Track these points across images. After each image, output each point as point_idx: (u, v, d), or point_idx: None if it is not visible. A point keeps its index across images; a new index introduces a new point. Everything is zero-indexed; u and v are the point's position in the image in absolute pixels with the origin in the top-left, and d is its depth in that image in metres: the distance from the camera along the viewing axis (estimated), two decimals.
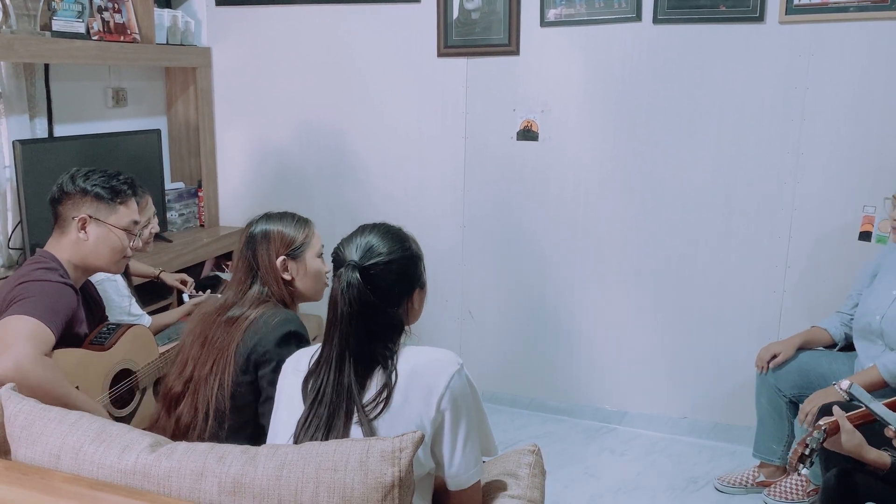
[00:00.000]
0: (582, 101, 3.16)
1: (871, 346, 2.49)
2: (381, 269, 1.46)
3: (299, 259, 1.89)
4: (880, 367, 2.34)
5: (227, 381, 1.74)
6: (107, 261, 2.01)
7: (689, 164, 3.04)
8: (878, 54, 2.74)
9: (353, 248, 1.47)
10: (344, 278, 1.43)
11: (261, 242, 1.87)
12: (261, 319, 1.78)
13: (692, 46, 2.96)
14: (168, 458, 1.31)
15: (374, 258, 1.46)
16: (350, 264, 1.44)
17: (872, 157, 2.80)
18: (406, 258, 1.50)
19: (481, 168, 3.37)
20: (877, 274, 2.56)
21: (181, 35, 3.57)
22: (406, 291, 1.51)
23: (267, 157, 3.76)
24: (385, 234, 1.51)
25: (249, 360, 1.75)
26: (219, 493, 1.28)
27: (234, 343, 1.75)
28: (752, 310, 3.03)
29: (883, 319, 2.43)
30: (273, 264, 1.86)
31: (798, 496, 2.65)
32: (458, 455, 1.41)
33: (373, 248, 1.47)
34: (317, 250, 1.94)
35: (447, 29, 3.29)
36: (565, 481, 2.85)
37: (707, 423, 3.17)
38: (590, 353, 3.33)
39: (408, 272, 1.50)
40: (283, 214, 1.93)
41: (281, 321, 1.78)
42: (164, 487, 1.29)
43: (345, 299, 1.42)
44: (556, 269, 3.32)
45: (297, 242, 1.89)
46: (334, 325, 1.44)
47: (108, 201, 1.98)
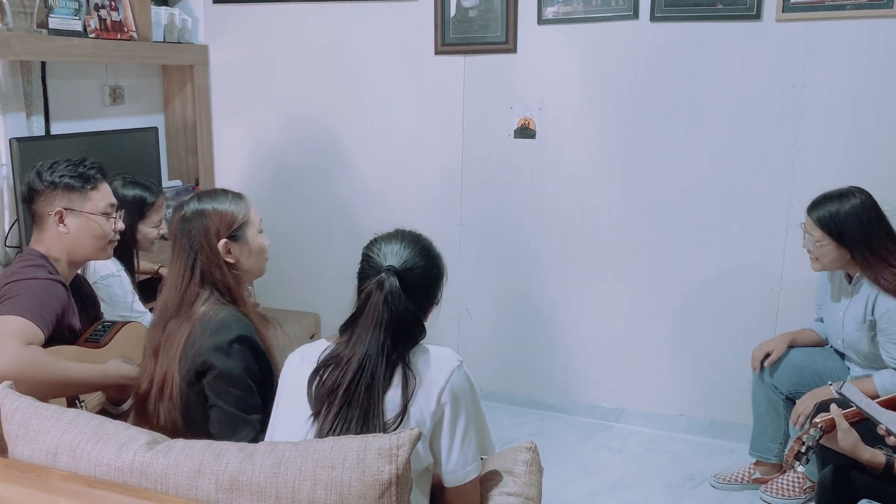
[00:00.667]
0: (579, 99, 3.16)
1: (851, 360, 2.58)
2: (417, 278, 1.49)
3: (241, 239, 1.79)
4: (878, 385, 2.36)
5: (176, 396, 1.69)
6: (92, 249, 1.98)
7: (686, 161, 3.05)
8: (875, 52, 2.74)
9: (392, 252, 1.49)
10: (387, 285, 1.44)
11: (196, 223, 1.75)
12: (198, 326, 1.70)
13: (689, 44, 2.97)
14: (165, 456, 1.31)
15: (412, 266, 1.49)
16: (391, 269, 1.46)
17: (869, 155, 2.80)
18: (436, 274, 1.55)
19: (479, 166, 3.37)
20: (828, 291, 2.64)
21: (178, 33, 3.56)
22: (428, 304, 1.56)
23: (264, 154, 3.76)
24: (422, 245, 1.54)
25: (191, 371, 1.69)
26: (216, 490, 1.28)
27: (177, 352, 1.70)
28: (750, 307, 3.04)
29: (844, 343, 2.53)
30: (214, 248, 1.75)
31: (794, 493, 2.66)
32: (455, 451, 1.43)
33: (411, 256, 1.50)
34: (257, 225, 1.84)
35: (444, 27, 3.29)
36: (562, 478, 2.85)
37: (704, 421, 3.18)
38: (587, 350, 3.33)
39: (434, 286, 1.56)
40: (214, 192, 1.82)
41: (216, 327, 1.69)
42: (161, 485, 1.29)
43: (387, 306, 1.43)
44: (553, 267, 3.33)
45: (237, 221, 1.78)
46: (371, 330, 1.44)
47: (80, 189, 1.95)
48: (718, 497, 2.74)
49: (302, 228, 3.71)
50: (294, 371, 1.52)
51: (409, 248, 1.50)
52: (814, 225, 2.41)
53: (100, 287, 2.40)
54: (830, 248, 2.39)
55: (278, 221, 3.73)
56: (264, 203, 3.73)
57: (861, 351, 2.48)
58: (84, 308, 2.08)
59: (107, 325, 2.06)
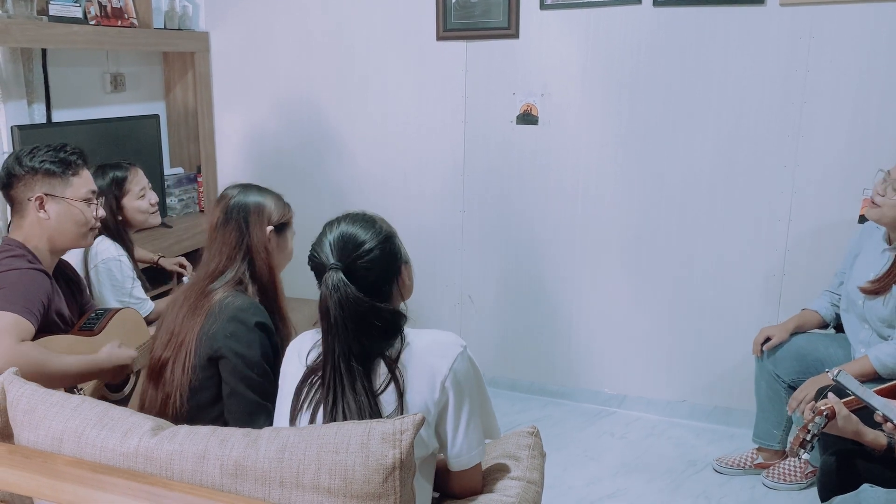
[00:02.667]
0: (582, 84, 3.15)
1: (860, 329, 2.51)
2: (365, 260, 1.41)
3: (282, 235, 1.91)
4: (872, 358, 2.35)
5: (188, 369, 1.74)
6: (73, 236, 1.96)
7: (689, 147, 3.04)
8: (879, 37, 2.72)
9: (328, 249, 1.42)
10: (330, 282, 1.38)
11: (254, 210, 1.86)
12: (215, 310, 1.76)
13: (692, 29, 2.95)
14: (170, 442, 1.32)
15: (352, 253, 1.41)
16: (333, 266, 1.39)
17: (872, 140, 2.79)
18: (381, 240, 1.44)
19: (481, 152, 3.36)
20: (858, 254, 2.57)
21: (179, 20, 3.55)
22: (394, 273, 1.48)
23: (265, 141, 3.76)
24: (354, 223, 1.46)
25: (204, 355, 1.75)
26: (221, 475, 1.29)
27: (195, 330, 1.76)
28: (752, 293, 3.04)
29: (865, 304, 2.46)
30: (265, 233, 1.85)
31: (796, 478, 2.67)
32: (460, 436, 1.43)
33: (347, 243, 1.42)
34: (293, 233, 1.98)
35: (446, 12, 3.28)
36: (564, 464, 2.86)
37: (706, 407, 3.18)
38: (589, 336, 3.34)
39: (388, 254, 1.46)
40: (267, 190, 1.94)
41: (233, 313, 1.75)
42: (166, 470, 1.30)
43: (336, 303, 1.37)
44: (555, 254, 3.33)
45: (286, 216, 1.93)
46: (332, 333, 1.40)
47: (61, 175, 1.93)
48: (720, 482, 2.75)
49: (303, 214, 3.68)
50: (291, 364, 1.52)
51: (342, 235, 1.43)
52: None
53: (100, 270, 2.40)
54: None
55: None
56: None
57: (880, 314, 2.41)
58: (71, 293, 2.06)
59: (100, 312, 2.06)
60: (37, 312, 1.78)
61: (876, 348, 2.38)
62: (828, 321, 2.69)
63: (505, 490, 1.54)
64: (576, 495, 2.66)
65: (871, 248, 2.50)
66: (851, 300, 2.51)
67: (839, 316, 2.67)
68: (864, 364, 2.36)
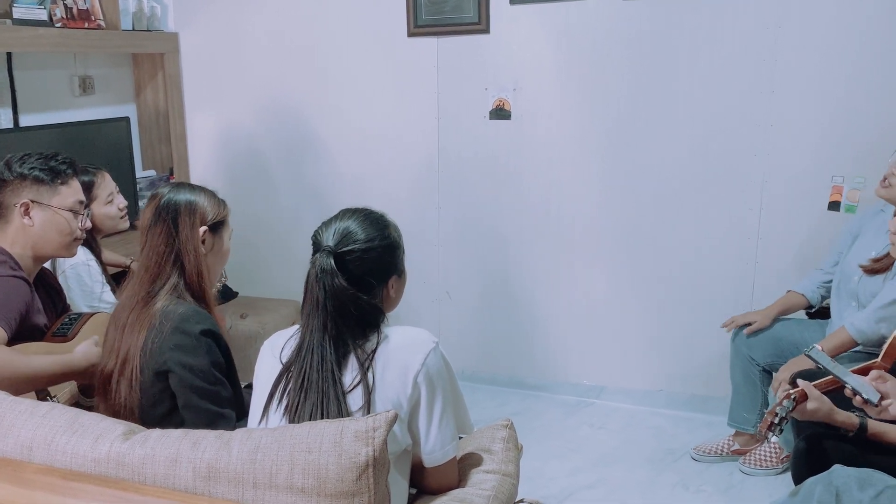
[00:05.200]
0: (553, 78, 3.16)
1: (846, 308, 2.53)
2: (357, 255, 1.45)
3: (216, 235, 1.83)
4: (848, 326, 2.38)
5: (135, 385, 1.69)
6: (56, 245, 1.96)
7: (661, 139, 3.06)
8: (845, 25, 2.76)
9: (331, 232, 1.46)
10: (318, 264, 1.42)
11: (185, 209, 1.77)
12: (157, 322, 1.69)
13: (661, 21, 2.97)
14: (142, 446, 1.31)
15: (349, 245, 1.44)
16: (325, 250, 1.43)
17: (840, 127, 2.83)
18: (383, 246, 1.48)
19: (455, 148, 3.37)
20: (858, 235, 2.59)
21: (147, 21, 3.52)
22: (382, 279, 1.50)
23: (238, 141, 3.73)
24: (364, 220, 1.49)
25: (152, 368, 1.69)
26: (194, 478, 1.28)
27: (138, 345, 1.70)
28: (726, 282, 3.07)
29: (860, 281, 2.47)
30: (196, 233, 1.77)
31: (772, 463, 2.71)
32: (433, 431, 1.44)
33: (350, 234, 1.46)
34: (230, 232, 1.90)
35: (417, 8, 3.27)
36: (545, 456, 2.88)
37: (684, 395, 3.22)
38: (567, 329, 3.35)
39: (384, 260, 1.49)
40: (201, 187, 1.86)
41: (176, 323, 1.69)
42: (138, 475, 1.29)
43: (319, 285, 1.41)
44: (532, 248, 3.34)
45: (220, 215, 1.84)
46: (313, 312, 1.43)
47: (49, 183, 1.92)
48: (698, 469, 2.78)
49: (278, 215, 3.69)
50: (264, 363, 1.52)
51: (347, 223, 1.47)
52: None
53: (69, 276, 2.37)
54: None
55: (254, 208, 3.72)
56: (240, 190, 3.72)
57: (874, 290, 2.42)
58: (51, 302, 2.05)
59: (73, 317, 2.04)
60: (12, 321, 1.76)
61: (851, 317, 2.41)
62: (813, 303, 2.71)
63: (481, 484, 1.55)
64: (556, 487, 2.68)
65: (875, 228, 2.52)
66: (846, 276, 2.53)
67: (824, 297, 2.70)
68: (841, 335, 2.39)
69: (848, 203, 2.87)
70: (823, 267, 2.70)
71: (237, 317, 3.35)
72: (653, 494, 2.63)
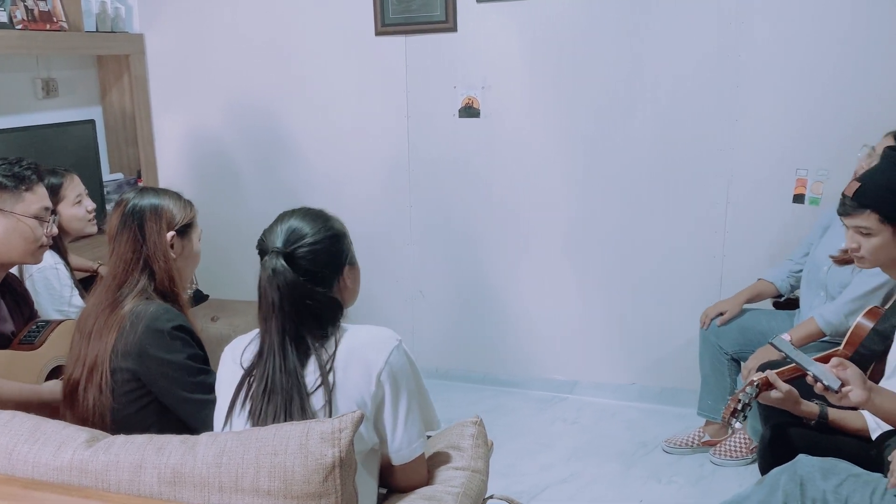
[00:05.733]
0: (521, 76, 3.17)
1: (814, 298, 2.57)
2: (307, 250, 1.44)
3: (185, 237, 1.82)
4: (817, 317, 2.42)
5: (106, 390, 1.68)
6: (21, 252, 1.92)
7: (629, 135, 3.08)
8: (806, 21, 2.80)
9: (276, 235, 1.46)
10: (269, 266, 1.41)
11: (150, 214, 1.76)
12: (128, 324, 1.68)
13: (628, 17, 2.99)
14: (105, 453, 1.30)
15: (298, 241, 1.44)
16: (274, 251, 1.43)
17: (804, 121, 2.87)
18: (330, 237, 1.48)
19: (425, 147, 3.37)
20: (828, 227, 2.63)
21: (111, 22, 3.48)
22: (335, 270, 1.50)
23: (206, 143, 3.70)
24: (306, 216, 1.50)
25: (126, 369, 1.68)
26: (158, 483, 1.28)
27: (107, 350, 1.68)
28: (694, 276, 3.11)
29: (829, 272, 2.51)
30: (164, 239, 1.76)
31: (741, 454, 2.75)
32: (399, 429, 1.44)
33: (296, 232, 1.45)
34: (199, 233, 1.89)
35: (384, 7, 3.27)
36: (519, 452, 2.90)
37: (655, 388, 3.25)
38: (539, 325, 3.37)
39: (333, 250, 1.49)
40: (166, 191, 1.85)
41: (148, 322, 1.68)
42: (101, 482, 1.28)
43: (273, 287, 1.40)
44: (504, 245, 3.35)
45: (187, 217, 1.83)
46: (269, 315, 1.42)
47: (13, 189, 1.88)
48: (670, 461, 2.81)
49: (248, 216, 3.67)
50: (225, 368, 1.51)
51: (290, 222, 1.47)
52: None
53: (36, 280, 2.34)
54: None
55: (224, 210, 3.69)
56: (208, 192, 3.69)
57: (843, 281, 2.46)
58: (18, 309, 2.02)
59: (41, 324, 2.01)
60: None
61: (820, 307, 2.45)
62: (782, 292, 2.76)
63: (450, 481, 1.55)
64: (529, 482, 2.69)
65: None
66: (816, 266, 2.57)
67: (793, 287, 2.74)
68: (810, 325, 2.43)
69: (812, 195, 2.92)
70: (793, 257, 2.74)
71: (208, 320, 3.32)
72: (625, 487, 2.66)
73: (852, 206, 1.92)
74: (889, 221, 1.89)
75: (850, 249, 1.99)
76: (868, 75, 2.76)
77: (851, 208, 1.93)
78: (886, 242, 1.91)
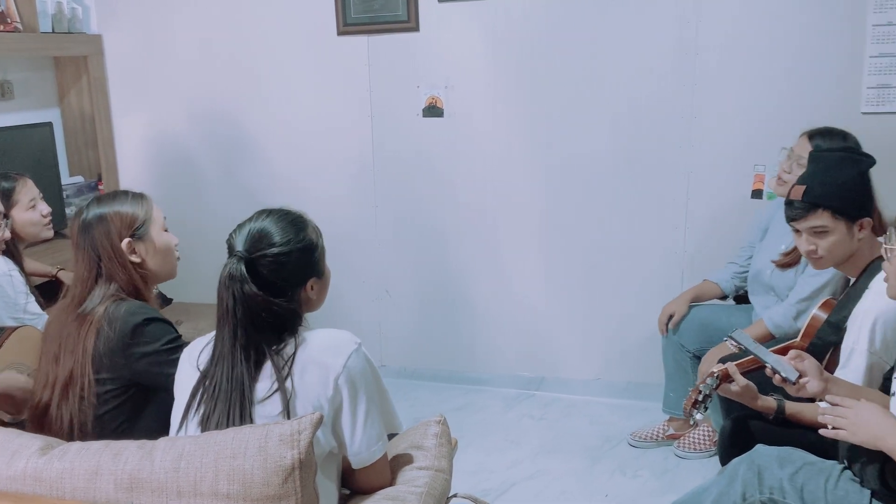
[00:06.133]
0: (484, 75, 3.19)
1: (765, 298, 2.62)
2: (270, 260, 1.41)
3: (145, 237, 1.78)
4: (766, 320, 2.48)
5: (89, 395, 1.67)
6: None
7: (591, 133, 3.11)
8: (761, 20, 2.84)
9: (244, 235, 1.43)
10: (227, 269, 1.39)
11: (97, 228, 1.74)
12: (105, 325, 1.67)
13: (587, 16, 3.02)
14: (60, 460, 1.28)
15: (262, 249, 1.41)
16: (236, 255, 1.40)
17: (760, 117, 2.92)
18: (300, 249, 1.44)
19: (390, 146, 3.37)
20: (768, 228, 2.68)
21: (68, 22, 3.42)
22: (298, 282, 1.46)
23: (168, 145, 3.66)
24: (280, 222, 1.45)
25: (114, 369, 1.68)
26: (115, 490, 1.26)
27: (83, 353, 1.67)
28: (656, 271, 3.15)
29: (773, 274, 2.57)
30: (118, 249, 1.74)
31: (705, 446, 2.79)
32: (358, 432, 1.42)
33: (264, 237, 1.42)
34: (160, 224, 1.83)
35: (346, 7, 3.26)
36: (487, 449, 2.91)
37: (620, 383, 3.28)
38: (506, 322, 3.39)
39: (299, 263, 1.45)
40: (114, 194, 1.81)
41: (124, 319, 1.68)
42: (56, 490, 1.26)
43: (229, 292, 1.38)
44: (469, 243, 3.36)
45: (138, 220, 1.78)
46: (223, 320, 1.40)
47: None
48: (635, 455, 2.84)
49: (212, 218, 3.63)
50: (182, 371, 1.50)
51: (262, 224, 1.43)
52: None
53: None
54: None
55: (188, 212, 3.65)
56: (171, 195, 3.65)
57: (789, 284, 2.51)
58: None
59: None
60: None
61: (769, 310, 2.50)
62: (727, 293, 2.81)
63: (413, 481, 1.55)
64: (497, 479, 2.71)
65: (782, 221, 2.60)
66: (759, 270, 2.62)
67: (739, 288, 2.79)
68: (759, 327, 2.49)
69: (770, 191, 2.96)
70: (737, 260, 2.81)
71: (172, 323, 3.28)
72: (591, 482, 2.68)
73: (803, 208, 1.96)
74: (842, 216, 1.93)
75: (807, 252, 2.02)
76: (821, 72, 2.82)
77: (803, 211, 1.96)
78: (842, 238, 1.95)
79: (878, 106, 2.78)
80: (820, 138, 2.39)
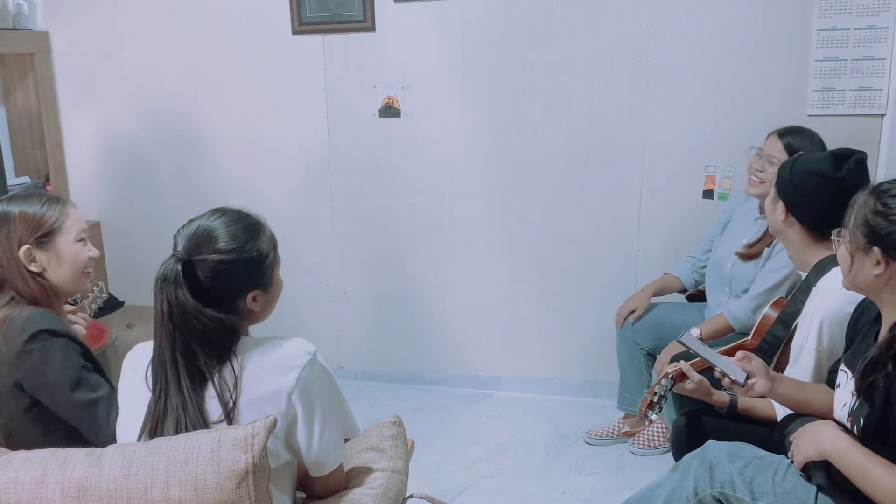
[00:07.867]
0: (440, 75, 3.19)
1: (719, 293, 2.67)
2: (209, 266, 1.32)
3: (50, 246, 1.65)
4: (726, 313, 2.52)
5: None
6: None
7: (546, 133, 3.14)
8: (713, 23, 2.90)
9: (187, 234, 1.35)
10: (162, 268, 1.30)
11: (1, 225, 1.60)
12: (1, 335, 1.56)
13: (542, 17, 3.04)
14: (3, 471, 1.25)
15: (203, 253, 1.32)
16: (174, 255, 1.32)
17: (712, 119, 2.98)
18: (245, 259, 1.34)
19: (347, 147, 3.35)
20: (728, 223, 2.73)
21: (13, 19, 3.32)
22: (237, 293, 1.36)
23: (118, 145, 3.59)
24: (232, 225, 1.35)
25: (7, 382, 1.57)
26: (62, 499, 1.23)
27: None
28: (611, 270, 3.19)
29: (733, 267, 2.61)
30: (14, 255, 1.61)
31: (659, 443, 2.83)
32: (315, 442, 1.38)
33: (208, 240, 1.33)
34: (74, 234, 1.68)
35: (301, 5, 3.23)
36: (446, 449, 2.91)
37: (576, 381, 3.32)
38: (463, 322, 3.40)
39: (242, 273, 1.35)
40: (30, 195, 1.68)
41: (20, 328, 1.56)
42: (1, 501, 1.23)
43: (162, 294, 1.30)
44: (426, 244, 3.36)
45: (45, 226, 1.63)
46: (160, 323, 1.32)
47: None
48: (591, 453, 2.88)
49: (164, 219, 3.54)
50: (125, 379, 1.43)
51: (211, 224, 1.34)
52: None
53: None
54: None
55: (139, 213, 3.59)
56: (124, 195, 3.58)
57: (749, 276, 2.54)
58: None
59: None
60: None
61: (729, 303, 2.55)
62: (687, 286, 2.86)
63: (370, 483, 1.55)
64: (455, 479, 2.71)
65: (744, 216, 2.66)
66: (719, 263, 2.66)
67: (698, 282, 2.84)
68: (719, 320, 2.53)
69: (721, 191, 3.03)
70: (695, 255, 2.85)
71: (123, 326, 3.22)
72: (548, 480, 2.71)
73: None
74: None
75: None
76: (769, 75, 2.88)
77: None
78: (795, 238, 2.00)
79: (824, 108, 2.86)
80: (791, 137, 2.44)
